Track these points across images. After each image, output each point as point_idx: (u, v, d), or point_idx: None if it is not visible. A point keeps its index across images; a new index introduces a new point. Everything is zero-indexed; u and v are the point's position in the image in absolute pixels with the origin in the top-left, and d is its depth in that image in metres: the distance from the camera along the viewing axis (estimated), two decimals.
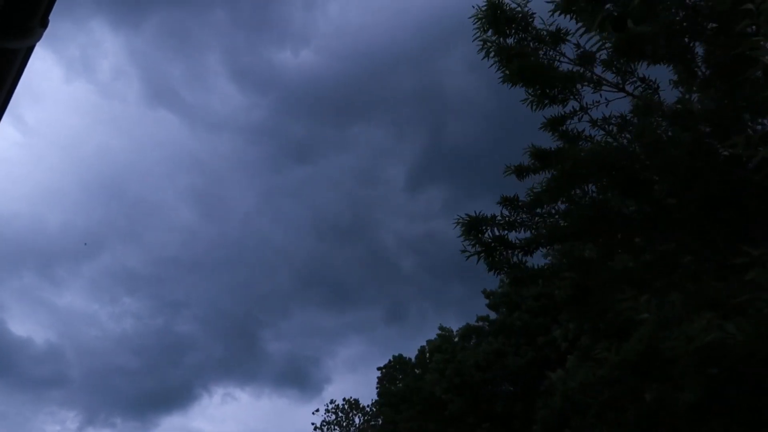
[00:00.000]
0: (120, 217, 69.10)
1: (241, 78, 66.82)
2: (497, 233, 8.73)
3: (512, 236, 8.82)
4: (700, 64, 7.51)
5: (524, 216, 8.80)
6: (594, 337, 10.91)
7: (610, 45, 7.66)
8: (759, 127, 6.87)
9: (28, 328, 67.20)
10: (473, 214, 8.66)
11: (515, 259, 8.70)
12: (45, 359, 56.04)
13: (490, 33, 8.23)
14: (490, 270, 8.73)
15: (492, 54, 8.22)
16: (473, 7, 8.19)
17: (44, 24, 2.16)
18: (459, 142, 57.80)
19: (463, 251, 8.63)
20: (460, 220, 8.62)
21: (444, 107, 59.74)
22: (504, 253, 8.73)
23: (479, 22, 8.19)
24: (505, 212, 8.80)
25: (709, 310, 5.74)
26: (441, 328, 24.65)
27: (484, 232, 8.71)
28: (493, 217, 8.72)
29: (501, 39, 8.27)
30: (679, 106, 7.46)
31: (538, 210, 8.74)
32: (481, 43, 8.24)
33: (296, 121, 69.18)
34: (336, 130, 69.04)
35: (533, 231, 8.75)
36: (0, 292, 53.67)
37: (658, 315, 5.96)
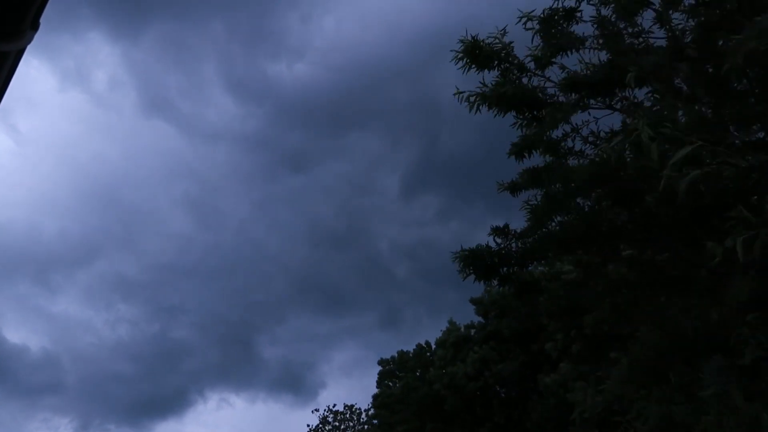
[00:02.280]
0: (115, 224, 68.98)
1: (237, 89, 67.07)
2: (494, 261, 8.87)
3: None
4: (683, 81, 7.61)
5: (517, 244, 8.93)
6: (585, 345, 10.93)
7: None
8: (741, 141, 6.92)
9: (23, 335, 66.84)
10: (472, 247, 8.82)
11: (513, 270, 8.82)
12: (40, 366, 55.63)
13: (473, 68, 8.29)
14: (484, 280, 8.81)
15: (481, 105, 8.29)
16: (451, 51, 8.27)
17: (35, 27, 2.15)
18: (453, 150, 58.08)
19: (465, 277, 8.80)
20: (459, 254, 8.74)
21: (438, 117, 60.07)
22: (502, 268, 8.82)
23: (460, 63, 8.28)
24: (498, 240, 9.00)
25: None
26: (450, 322, 24.49)
27: (481, 264, 8.84)
28: (489, 248, 8.88)
29: (485, 71, 8.35)
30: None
31: (529, 238, 8.84)
32: (469, 99, 8.28)
33: (291, 131, 69.46)
34: (331, 139, 69.32)
35: (527, 245, 8.85)
36: None
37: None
